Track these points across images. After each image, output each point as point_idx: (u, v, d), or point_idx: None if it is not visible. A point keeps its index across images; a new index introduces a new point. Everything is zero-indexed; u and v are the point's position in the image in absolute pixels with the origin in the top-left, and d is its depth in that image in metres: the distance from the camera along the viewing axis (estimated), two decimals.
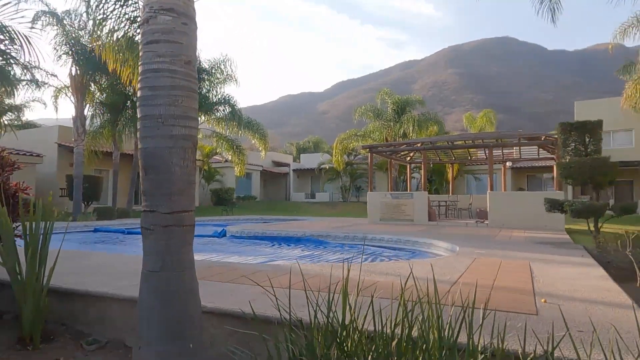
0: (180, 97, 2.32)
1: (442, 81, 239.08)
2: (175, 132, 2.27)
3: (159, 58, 2.32)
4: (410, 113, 23.54)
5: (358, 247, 8.77)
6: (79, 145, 15.92)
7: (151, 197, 2.32)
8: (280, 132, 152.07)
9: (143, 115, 2.33)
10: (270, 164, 38.91)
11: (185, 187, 2.37)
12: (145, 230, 2.36)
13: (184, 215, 2.39)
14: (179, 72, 2.35)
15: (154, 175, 2.30)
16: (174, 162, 2.27)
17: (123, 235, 12.23)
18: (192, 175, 2.43)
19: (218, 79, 20.79)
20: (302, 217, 18.37)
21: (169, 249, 2.31)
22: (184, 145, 2.31)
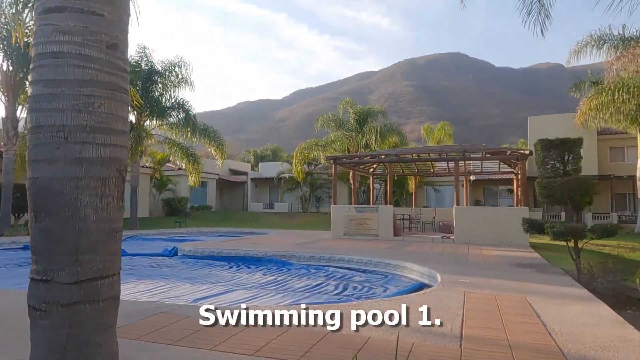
0: (98, 98, 1.48)
1: (397, 93, 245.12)
2: (86, 154, 1.43)
3: (62, 36, 1.46)
4: (372, 124, 23.23)
5: (325, 270, 8.01)
6: (10, 151, 14.14)
7: (44, 258, 1.44)
8: (238, 139, 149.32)
9: (34, 126, 1.46)
10: (227, 172, 37.48)
11: (105, 240, 1.52)
12: (33, 312, 1.47)
13: (102, 285, 1.52)
14: (97, 60, 1.50)
15: (49, 222, 1.42)
16: (83, 201, 1.42)
17: None
18: (118, 220, 1.58)
19: (172, 82, 19.49)
20: (261, 231, 17.38)
21: (74, 341, 1.43)
22: (103, 174, 1.46)
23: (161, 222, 22.49)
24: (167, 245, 13.75)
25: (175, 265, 8.86)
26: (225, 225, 22.36)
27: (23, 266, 8.63)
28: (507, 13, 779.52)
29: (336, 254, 8.68)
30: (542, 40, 6.03)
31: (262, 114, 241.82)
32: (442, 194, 29.65)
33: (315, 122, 24.99)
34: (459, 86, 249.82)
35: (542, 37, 5.84)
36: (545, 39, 6.14)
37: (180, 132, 19.80)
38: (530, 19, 5.87)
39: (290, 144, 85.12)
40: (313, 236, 14.30)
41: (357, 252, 9.09)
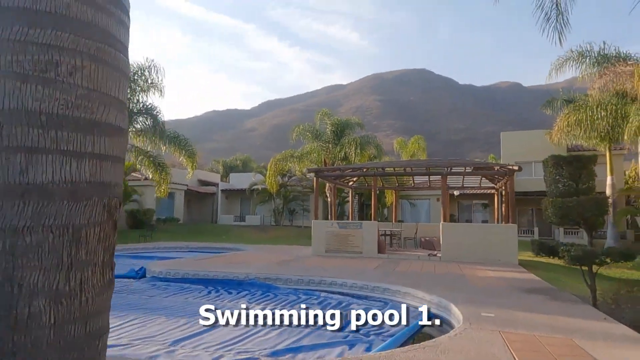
0: (68, 55, 0.69)
1: (365, 106, 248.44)
2: (39, 175, 0.64)
3: None
4: (349, 135, 22.74)
5: (316, 296, 7.21)
6: None
7: None
8: (204, 148, 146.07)
9: None
10: (196, 183, 36.00)
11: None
12: None
13: None
14: None
15: None
16: (26, 283, 0.62)
17: None
18: (103, 312, 0.78)
19: (140, 86, 18.31)
20: (234, 246, 16.34)
21: None
22: (75, 218, 0.67)
23: (125, 236, 20.94)
24: (134, 263, 12.50)
25: (144, 290, 7.81)
26: (195, 239, 21.10)
27: None
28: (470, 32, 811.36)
29: (326, 276, 7.90)
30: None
31: (230, 124, 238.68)
32: (418, 208, 29.51)
33: (291, 133, 24.22)
34: (425, 101, 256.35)
35: (558, 46, 5.39)
36: (563, 47, 5.76)
37: (148, 139, 18.58)
38: (549, 25, 5.45)
39: (259, 155, 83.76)
40: (292, 253, 13.46)
41: (347, 274, 8.35)
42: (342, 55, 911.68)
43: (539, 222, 27.13)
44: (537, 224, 26.60)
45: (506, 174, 12.31)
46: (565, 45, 17.76)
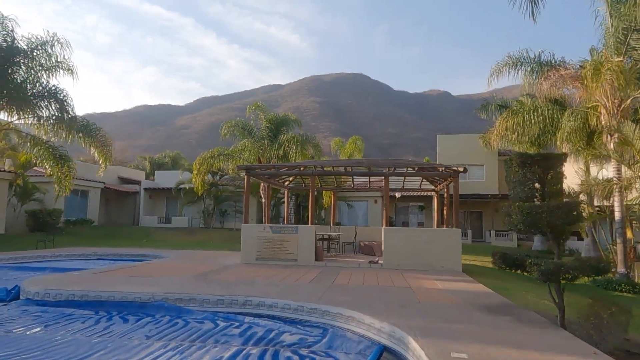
0: None
1: (303, 107, 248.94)
2: None
3: None
4: (287, 133, 21.40)
5: (239, 322, 5.77)
6: None
7: None
8: (134, 145, 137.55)
9: None
10: (116, 181, 32.64)
11: None
12: None
13: None
14: None
15: None
16: None
17: None
18: None
19: (42, 65, 15.56)
20: (153, 252, 14.28)
21: None
22: None
23: (20, 241, 17.86)
24: (16, 277, 10.20)
25: (6, 321, 5.85)
26: (109, 244, 18.55)
27: None
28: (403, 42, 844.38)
29: (253, 294, 6.47)
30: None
31: (161, 120, 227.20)
32: (356, 209, 28.85)
33: (221, 128, 22.33)
34: (361, 105, 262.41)
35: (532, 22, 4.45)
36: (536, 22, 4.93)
37: (52, 128, 15.87)
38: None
39: (193, 153, 79.76)
40: (219, 261, 11.81)
41: (279, 290, 6.99)
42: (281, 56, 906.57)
43: (471, 225, 27.62)
44: (470, 227, 27.04)
45: (451, 175, 11.66)
46: (501, 54, 17.77)
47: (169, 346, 4.63)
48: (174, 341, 4.82)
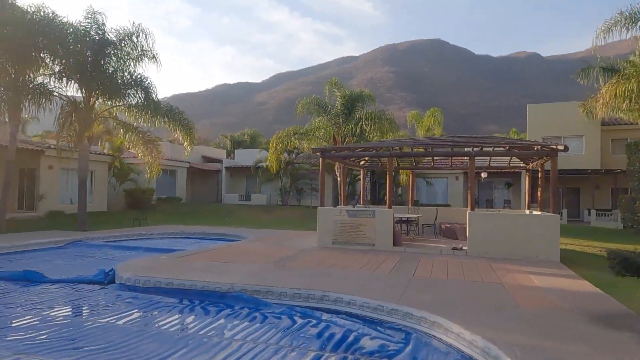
0: None
1: (377, 78, 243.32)
2: None
3: None
4: (362, 110, 20.76)
5: (317, 320, 5.57)
6: None
7: None
8: (215, 123, 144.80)
9: None
10: (200, 160, 34.48)
11: None
12: None
13: None
14: None
15: None
16: None
17: None
18: None
19: (129, 54, 16.43)
20: (234, 232, 14.81)
21: None
22: None
23: (120, 218, 19.61)
24: (115, 256, 11.11)
25: (102, 308, 6.24)
26: (196, 221, 19.68)
27: None
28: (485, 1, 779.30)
29: (330, 289, 6.23)
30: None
31: (241, 97, 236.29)
32: (434, 187, 27.60)
33: (296, 105, 22.24)
34: (438, 73, 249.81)
35: None
36: None
37: (140, 113, 16.85)
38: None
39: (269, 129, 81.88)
40: (296, 243, 11.85)
41: (356, 283, 6.70)
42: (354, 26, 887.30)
43: (567, 203, 25.08)
44: (565, 206, 24.56)
45: (548, 154, 10.37)
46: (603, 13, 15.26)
47: (246, 347, 4.55)
48: (251, 341, 4.73)
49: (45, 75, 15.44)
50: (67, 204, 20.78)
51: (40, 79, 15.40)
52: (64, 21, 15.02)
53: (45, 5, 14.80)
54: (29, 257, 10.42)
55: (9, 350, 4.35)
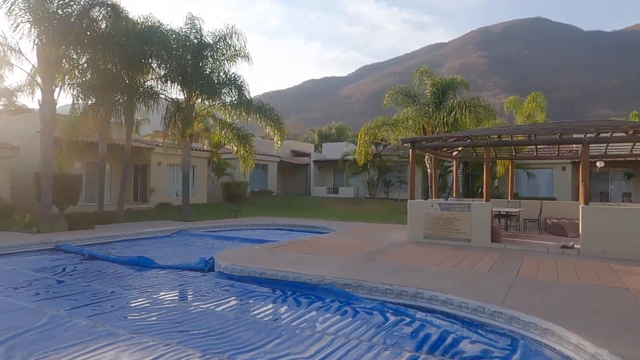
0: None
1: (469, 65, 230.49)
2: None
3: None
4: (454, 98, 19.68)
5: (410, 317, 5.31)
6: (47, 137, 12.87)
7: None
8: (302, 118, 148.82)
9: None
10: (289, 154, 35.60)
11: None
12: None
13: None
14: None
15: None
16: None
17: (79, 261, 9.08)
18: None
19: (224, 55, 17.39)
20: (323, 224, 15.00)
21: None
22: None
23: (219, 210, 21.00)
24: (214, 245, 11.86)
25: (202, 294, 6.64)
26: (286, 213, 20.34)
27: (24, 287, 6.87)
28: None
29: (424, 286, 5.92)
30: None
31: (327, 92, 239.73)
32: (537, 179, 25.26)
33: (384, 96, 21.78)
34: (539, 55, 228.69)
35: None
36: None
37: (234, 111, 17.78)
38: None
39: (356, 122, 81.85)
40: (385, 237, 11.60)
41: (452, 280, 6.28)
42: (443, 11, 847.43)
43: None
44: None
45: None
46: None
47: (338, 342, 4.46)
48: (343, 336, 4.64)
49: (153, 79, 17.01)
50: (173, 196, 22.78)
51: (148, 82, 16.99)
52: (167, 28, 16.38)
53: (152, 16, 16.31)
54: (142, 244, 11.56)
55: (126, 329, 4.77)
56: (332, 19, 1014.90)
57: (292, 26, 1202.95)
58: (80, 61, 14.39)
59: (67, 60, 13.83)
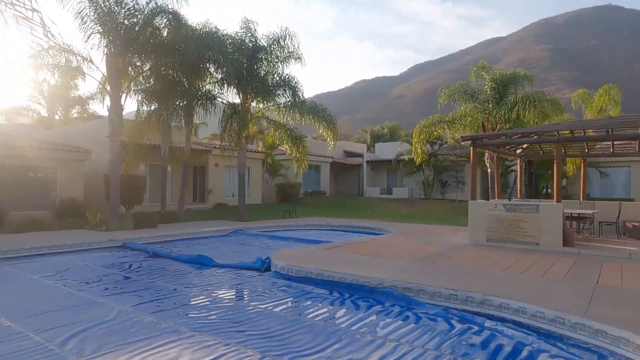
0: None
1: (529, 59, 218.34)
2: None
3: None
4: (516, 93, 18.59)
5: (478, 325, 4.95)
6: (115, 141, 13.63)
7: None
8: (354, 119, 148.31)
9: None
10: (342, 155, 35.47)
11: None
12: None
13: None
14: None
15: None
16: None
17: (144, 258, 9.48)
18: None
19: (278, 57, 17.58)
20: (377, 225, 14.71)
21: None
22: None
23: (273, 210, 21.28)
24: (270, 244, 11.96)
25: (260, 293, 6.64)
26: (339, 214, 20.20)
27: (95, 283, 7.25)
28: None
29: (492, 293, 5.51)
30: None
31: (378, 92, 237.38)
32: (611, 178, 23.27)
33: (439, 95, 21.00)
34: (608, 45, 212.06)
35: None
36: None
37: (288, 112, 17.92)
38: None
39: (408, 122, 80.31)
40: (444, 239, 11.11)
41: (523, 288, 5.81)
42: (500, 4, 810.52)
43: None
44: None
45: None
46: None
47: (402, 349, 4.22)
48: (407, 344, 4.39)
49: (210, 84, 17.54)
50: (229, 197, 23.42)
51: (206, 87, 17.55)
52: (224, 33, 16.82)
53: (209, 22, 16.83)
54: (201, 243, 11.91)
55: (188, 327, 4.83)
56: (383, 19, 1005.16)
57: (342, 28, 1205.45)
58: (144, 68, 15.13)
59: (133, 68, 14.59)
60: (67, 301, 6.07)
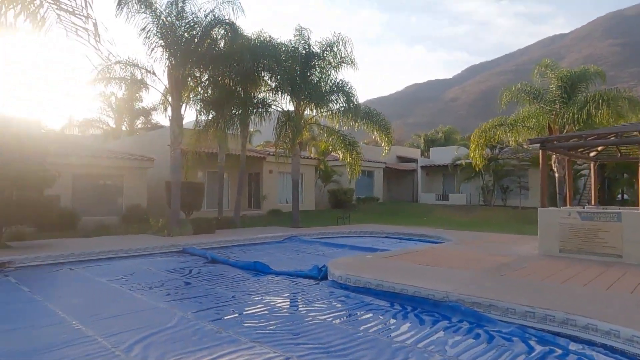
0: None
1: (596, 55, 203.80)
2: None
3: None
4: (586, 91, 17.27)
5: (560, 346, 4.45)
6: (176, 149, 14.15)
7: None
8: (405, 123, 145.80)
9: None
10: (395, 160, 34.78)
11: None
12: None
13: None
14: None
15: None
16: None
17: (203, 264, 9.65)
18: None
19: (331, 63, 17.54)
20: (435, 233, 14.12)
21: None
22: None
23: (326, 216, 21.18)
24: (324, 252, 11.82)
25: (318, 304, 6.45)
26: (393, 221, 19.71)
27: (158, 287, 7.44)
28: None
29: (575, 311, 4.95)
30: None
31: (431, 95, 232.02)
32: None
33: (500, 97, 20.00)
34: None
35: None
36: None
37: (342, 117, 17.79)
38: None
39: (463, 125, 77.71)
40: (509, 249, 10.40)
41: (611, 307, 5.19)
42: None
43: None
44: None
45: None
46: None
47: None
48: (483, 357, 4.01)
49: (265, 92, 17.82)
50: (283, 203, 23.64)
51: (260, 95, 17.85)
52: (278, 42, 17.04)
53: (264, 31, 17.13)
54: (257, 249, 11.99)
55: (248, 337, 4.74)
56: (435, 21, 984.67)
57: (393, 32, 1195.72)
58: (202, 79, 15.65)
59: (192, 79, 15.13)
60: (133, 305, 6.23)
